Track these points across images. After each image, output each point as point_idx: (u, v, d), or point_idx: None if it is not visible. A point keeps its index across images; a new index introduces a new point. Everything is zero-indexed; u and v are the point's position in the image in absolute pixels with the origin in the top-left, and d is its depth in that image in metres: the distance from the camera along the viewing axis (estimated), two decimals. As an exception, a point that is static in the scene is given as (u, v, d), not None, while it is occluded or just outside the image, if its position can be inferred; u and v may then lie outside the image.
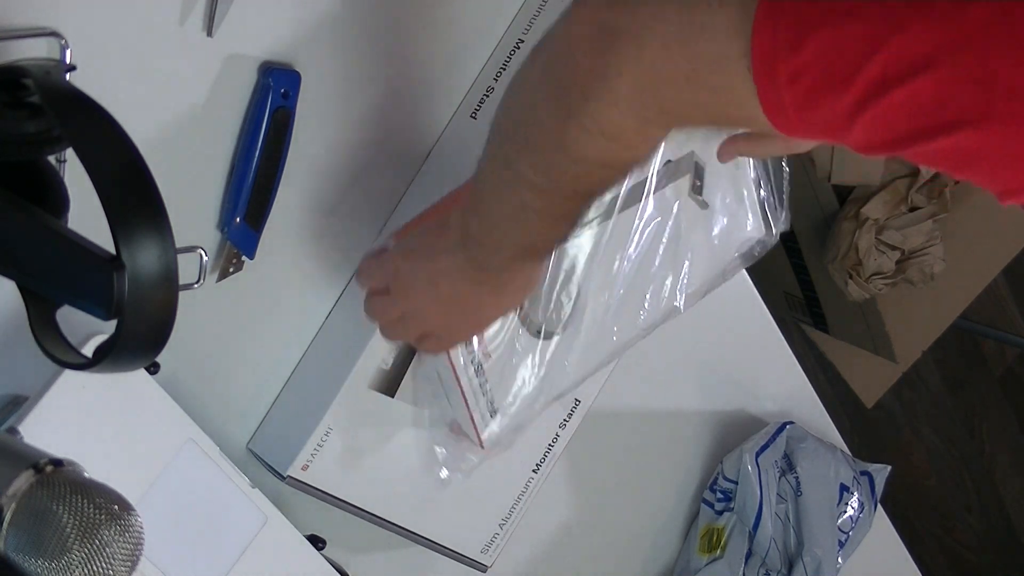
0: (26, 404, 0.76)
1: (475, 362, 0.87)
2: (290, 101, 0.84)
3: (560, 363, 0.91)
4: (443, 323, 0.81)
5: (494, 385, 0.88)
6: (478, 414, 0.88)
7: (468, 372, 0.87)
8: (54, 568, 0.58)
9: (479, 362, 0.87)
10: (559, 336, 0.90)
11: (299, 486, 0.90)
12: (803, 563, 1.13)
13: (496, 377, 0.88)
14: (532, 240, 0.71)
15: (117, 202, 0.57)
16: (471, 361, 0.86)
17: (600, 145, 0.62)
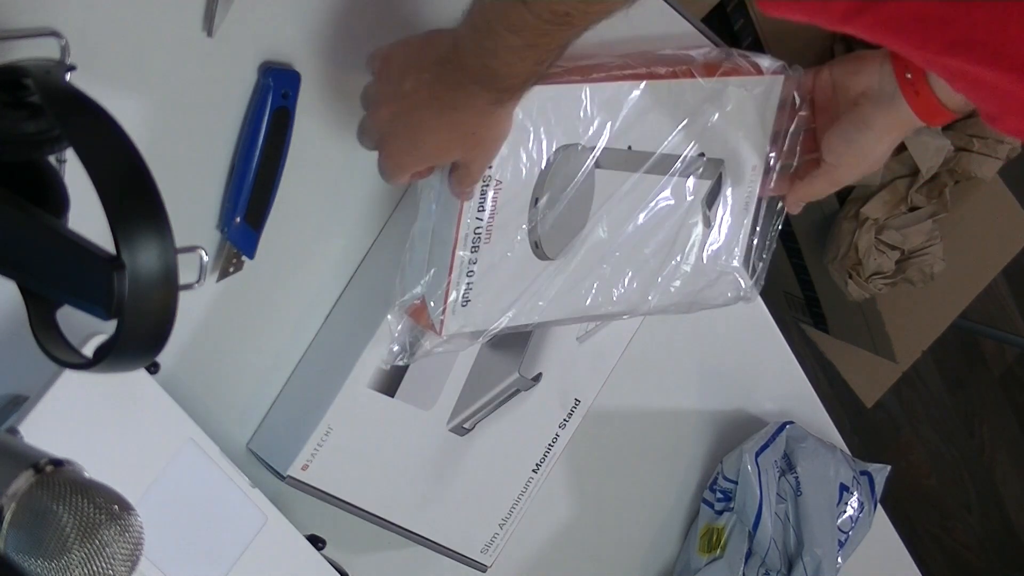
0: (26, 404, 0.76)
1: (475, 232, 0.85)
2: (290, 101, 0.84)
3: (539, 291, 0.89)
4: (480, 152, 0.81)
5: (478, 276, 0.86)
6: (454, 294, 0.86)
7: (467, 240, 0.85)
8: (54, 568, 0.58)
9: (479, 235, 0.85)
10: (552, 263, 0.89)
11: (299, 486, 0.90)
12: (803, 563, 1.13)
13: (482, 269, 0.86)
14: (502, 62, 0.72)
15: (117, 202, 0.57)
16: (472, 230, 0.85)
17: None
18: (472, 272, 0.85)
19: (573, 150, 0.87)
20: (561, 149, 0.87)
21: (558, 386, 0.98)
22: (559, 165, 0.87)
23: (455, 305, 0.86)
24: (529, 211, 0.87)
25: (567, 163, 0.87)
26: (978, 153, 1.81)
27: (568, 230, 0.89)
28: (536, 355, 0.97)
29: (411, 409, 0.93)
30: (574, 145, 0.87)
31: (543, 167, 0.86)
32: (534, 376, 0.97)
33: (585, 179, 0.88)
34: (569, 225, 0.89)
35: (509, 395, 0.97)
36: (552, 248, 0.89)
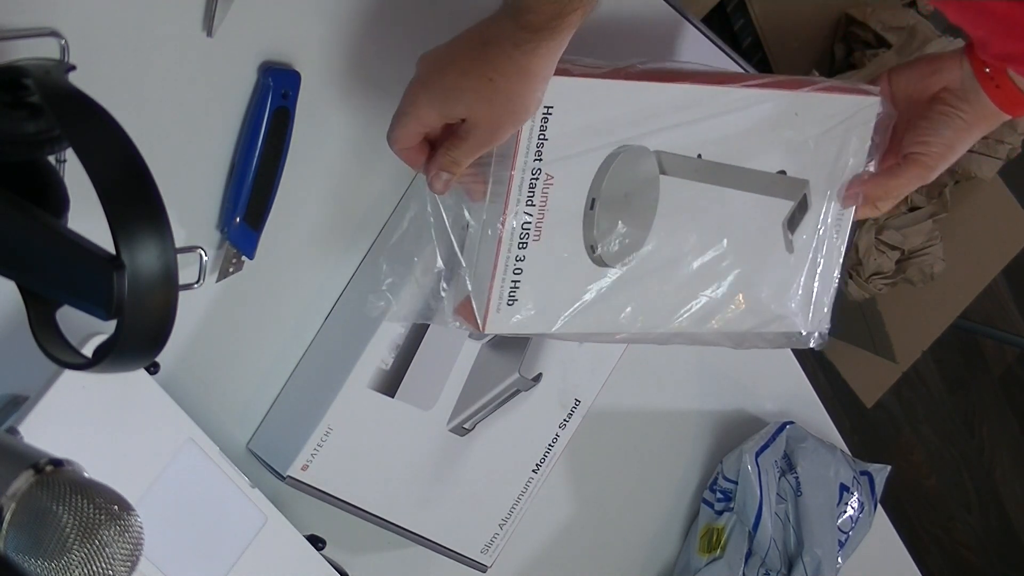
0: (26, 404, 0.76)
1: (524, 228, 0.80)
2: (290, 101, 0.84)
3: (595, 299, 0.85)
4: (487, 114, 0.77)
5: (527, 274, 0.82)
6: (498, 291, 0.81)
7: (514, 236, 0.81)
8: (54, 568, 0.58)
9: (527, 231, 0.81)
10: (610, 272, 0.85)
11: (299, 486, 0.90)
12: (803, 563, 1.13)
13: (532, 268, 0.82)
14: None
15: (117, 202, 0.57)
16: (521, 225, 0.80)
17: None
18: (520, 270, 0.82)
19: (635, 151, 0.84)
20: (622, 149, 0.83)
21: (558, 386, 0.98)
22: (620, 166, 0.83)
23: (500, 301, 0.82)
24: (585, 212, 0.83)
25: (628, 165, 0.84)
26: (978, 153, 1.82)
27: (629, 238, 0.85)
28: (536, 355, 0.97)
29: (411, 409, 0.93)
30: (637, 147, 0.84)
31: (600, 166, 0.83)
32: (534, 376, 0.97)
33: (648, 184, 0.84)
34: (630, 233, 0.85)
35: (509, 395, 0.97)
36: (612, 256, 0.85)
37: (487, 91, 0.75)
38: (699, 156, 0.86)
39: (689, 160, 0.85)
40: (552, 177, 0.81)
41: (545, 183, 0.81)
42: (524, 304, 0.83)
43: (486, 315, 0.82)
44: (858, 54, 1.71)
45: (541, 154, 0.80)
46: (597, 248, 0.84)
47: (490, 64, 0.75)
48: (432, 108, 0.77)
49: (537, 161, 0.80)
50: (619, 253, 0.85)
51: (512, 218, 0.81)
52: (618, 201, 0.84)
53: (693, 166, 0.86)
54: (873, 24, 1.71)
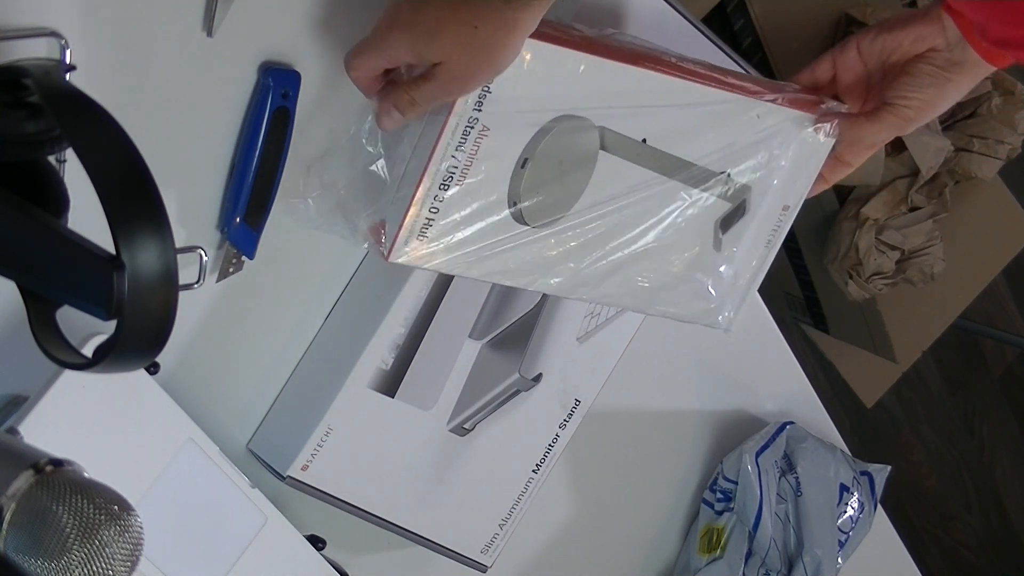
0: (26, 404, 0.76)
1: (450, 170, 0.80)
2: (290, 101, 0.84)
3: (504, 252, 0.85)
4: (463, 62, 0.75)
5: (443, 213, 0.81)
6: (412, 220, 0.81)
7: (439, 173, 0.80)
8: (54, 568, 0.58)
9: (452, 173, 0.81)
10: (527, 229, 0.84)
11: (299, 486, 0.90)
12: (803, 563, 1.13)
13: (448, 207, 0.82)
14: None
15: (117, 202, 0.57)
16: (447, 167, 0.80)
17: None
18: (436, 208, 0.81)
19: (580, 123, 0.83)
20: (565, 118, 0.82)
21: (558, 386, 0.98)
22: (560, 133, 0.83)
23: (411, 231, 0.81)
24: (514, 170, 0.82)
25: (569, 134, 0.83)
26: (978, 153, 1.82)
27: (555, 203, 0.85)
28: (536, 355, 0.97)
29: (411, 409, 0.93)
30: (582, 119, 0.83)
31: (540, 128, 0.82)
32: (534, 376, 0.97)
33: (585, 157, 0.84)
34: (557, 198, 0.85)
35: (509, 395, 0.97)
36: (532, 215, 0.84)
37: (468, 38, 0.73)
38: (644, 141, 0.86)
39: (633, 143, 0.85)
40: (488, 130, 0.80)
41: (480, 133, 0.80)
42: (434, 240, 0.82)
43: (395, 242, 0.81)
44: (858, 54, 1.71)
45: (482, 105, 0.79)
46: (519, 203, 0.83)
47: (476, 12, 0.73)
48: (404, 46, 0.75)
49: (477, 111, 0.79)
50: (539, 214, 0.84)
51: (440, 158, 0.80)
52: (551, 166, 0.83)
53: (636, 149, 0.85)
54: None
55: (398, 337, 0.90)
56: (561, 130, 0.83)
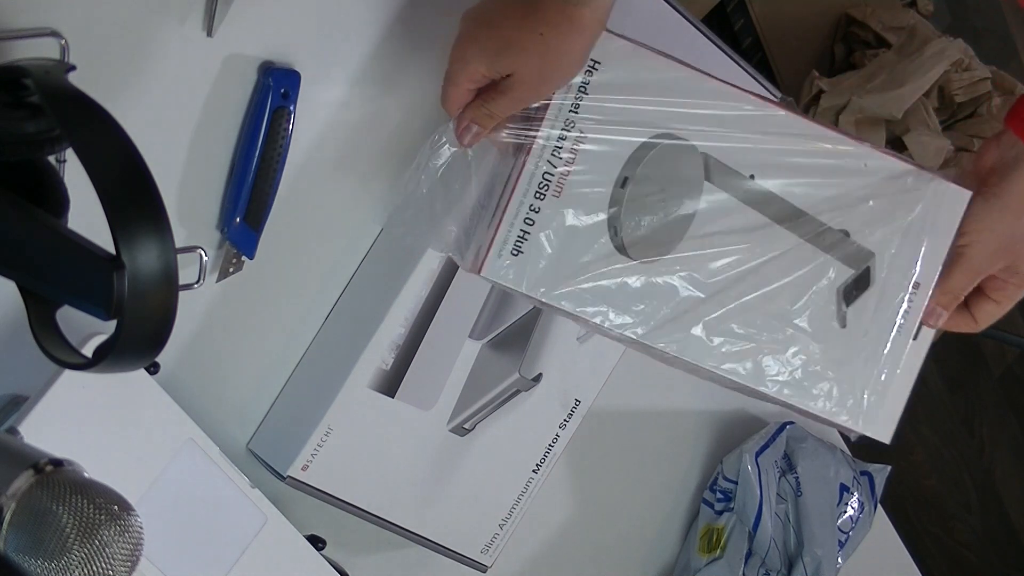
0: (26, 404, 0.76)
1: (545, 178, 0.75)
2: (290, 101, 0.84)
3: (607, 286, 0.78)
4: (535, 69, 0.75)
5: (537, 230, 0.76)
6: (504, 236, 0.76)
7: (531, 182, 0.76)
8: (54, 568, 0.58)
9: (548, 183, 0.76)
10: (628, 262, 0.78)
11: (299, 486, 0.90)
12: (803, 563, 1.13)
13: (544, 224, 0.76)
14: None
15: (117, 202, 0.57)
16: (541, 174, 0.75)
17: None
18: (531, 221, 0.77)
19: (684, 147, 0.78)
20: (668, 136, 0.77)
21: (558, 386, 0.98)
22: (661, 153, 0.77)
23: (502, 249, 0.77)
24: (614, 189, 0.77)
25: (670, 157, 0.78)
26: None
27: (659, 236, 0.79)
28: (536, 355, 0.97)
29: (411, 409, 0.93)
30: (684, 140, 0.78)
31: (640, 144, 0.77)
32: (534, 376, 0.97)
33: (690, 186, 0.78)
34: (661, 232, 0.79)
35: (509, 395, 0.97)
36: (636, 248, 0.78)
37: (537, 46, 0.74)
38: (751, 177, 0.80)
39: (741, 177, 0.79)
40: (585, 136, 0.76)
41: (577, 139, 0.76)
42: (529, 259, 0.77)
43: (486, 256, 0.77)
44: (858, 54, 1.71)
45: (578, 108, 0.76)
46: (620, 231, 0.78)
47: (540, 18, 0.73)
48: (481, 63, 0.76)
49: (573, 112, 0.76)
50: (643, 247, 0.78)
51: (534, 162, 0.76)
52: (652, 191, 0.78)
53: (744, 185, 0.79)
54: (873, 24, 1.71)
55: (398, 337, 0.90)
56: (663, 150, 0.77)
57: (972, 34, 1.95)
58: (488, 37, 0.76)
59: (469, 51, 0.76)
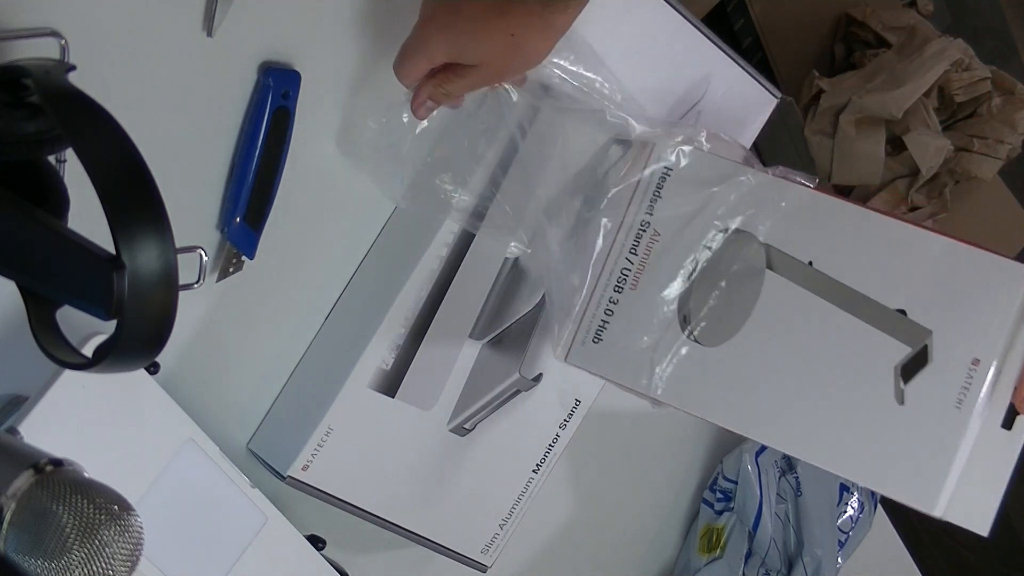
0: (26, 404, 0.76)
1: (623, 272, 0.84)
2: (290, 101, 0.84)
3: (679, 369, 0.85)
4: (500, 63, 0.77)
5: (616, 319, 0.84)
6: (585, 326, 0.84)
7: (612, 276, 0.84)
8: (54, 568, 0.58)
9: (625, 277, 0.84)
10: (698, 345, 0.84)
11: (299, 486, 0.90)
12: (803, 563, 1.13)
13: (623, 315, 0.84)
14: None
15: (117, 202, 0.57)
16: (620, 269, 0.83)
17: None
18: (611, 312, 0.85)
19: (745, 237, 0.85)
20: (735, 233, 0.85)
21: (559, 386, 0.98)
22: (727, 246, 0.85)
23: (585, 337, 0.86)
24: (683, 279, 0.86)
25: (736, 248, 0.85)
26: (978, 153, 1.82)
27: (724, 321, 0.85)
28: (537, 355, 0.97)
29: (411, 409, 0.93)
30: (747, 234, 0.85)
31: (708, 237, 0.85)
32: (535, 376, 0.97)
33: (752, 274, 0.85)
34: (726, 317, 0.85)
35: (510, 395, 0.97)
36: (702, 333, 0.85)
37: (506, 45, 0.75)
38: (810, 263, 0.84)
39: (799, 264, 0.84)
40: (659, 235, 0.85)
41: (652, 238, 0.85)
42: (610, 346, 0.86)
43: (571, 345, 0.86)
44: (858, 54, 1.71)
45: (653, 210, 0.84)
46: (690, 320, 0.86)
47: (514, 21, 0.74)
48: (443, 50, 0.77)
49: (648, 215, 0.84)
50: (710, 333, 0.85)
51: (614, 259, 0.85)
52: (717, 281, 0.85)
53: (802, 272, 0.84)
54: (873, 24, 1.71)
55: (398, 337, 0.90)
56: (730, 241, 0.85)
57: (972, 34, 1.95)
58: (458, 28, 0.76)
59: (436, 36, 0.77)
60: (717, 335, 0.85)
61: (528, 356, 0.96)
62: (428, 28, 0.78)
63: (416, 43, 0.79)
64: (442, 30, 0.77)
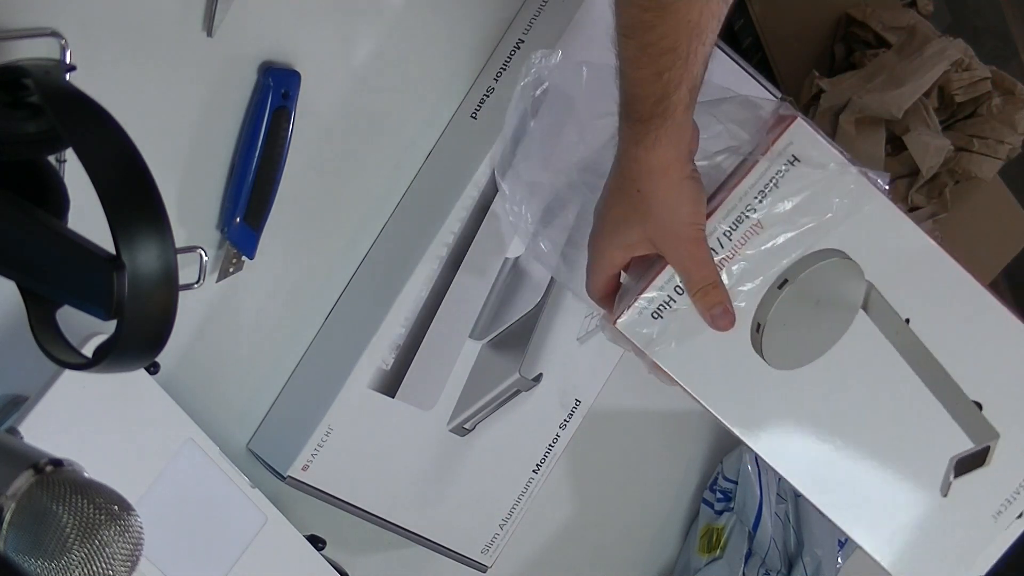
0: (26, 404, 0.76)
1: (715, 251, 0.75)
2: (290, 101, 0.84)
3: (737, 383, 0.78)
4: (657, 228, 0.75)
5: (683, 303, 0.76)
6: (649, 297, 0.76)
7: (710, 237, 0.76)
8: (54, 568, 0.58)
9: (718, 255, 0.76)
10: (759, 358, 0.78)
11: (299, 486, 0.90)
12: (803, 563, 1.13)
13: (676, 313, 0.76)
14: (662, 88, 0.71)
15: (117, 202, 0.57)
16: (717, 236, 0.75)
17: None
18: (681, 291, 0.76)
19: (851, 266, 0.78)
20: (838, 253, 0.77)
21: (559, 386, 0.98)
22: (828, 268, 0.77)
23: (644, 308, 0.76)
24: (769, 288, 0.77)
25: (836, 274, 0.77)
26: (978, 153, 1.82)
27: (799, 349, 0.78)
28: (537, 355, 0.97)
29: (411, 410, 0.93)
30: (854, 263, 0.78)
31: (810, 252, 0.77)
32: (535, 377, 0.97)
33: (845, 309, 0.78)
34: (802, 345, 0.78)
35: (510, 396, 0.97)
36: (771, 351, 0.78)
37: (641, 204, 0.75)
38: (907, 320, 0.79)
39: (896, 317, 0.78)
40: (761, 226, 0.76)
41: (751, 228, 0.76)
42: (666, 325, 0.77)
43: (626, 310, 0.77)
44: (858, 54, 1.71)
45: (763, 199, 0.76)
46: (762, 330, 0.77)
47: (629, 177, 0.75)
48: (612, 247, 0.78)
49: (757, 200, 0.76)
50: (778, 353, 0.78)
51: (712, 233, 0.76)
52: (807, 302, 0.77)
53: (897, 327, 0.78)
54: (873, 24, 1.71)
55: (398, 337, 0.90)
56: (831, 265, 0.77)
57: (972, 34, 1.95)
58: (607, 219, 0.78)
59: (599, 240, 0.78)
60: (786, 359, 0.78)
61: (528, 356, 0.96)
62: (593, 237, 0.79)
63: (590, 255, 0.79)
64: (602, 230, 0.78)
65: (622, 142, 0.75)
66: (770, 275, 0.77)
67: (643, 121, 0.72)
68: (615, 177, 0.76)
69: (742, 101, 0.80)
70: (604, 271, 0.79)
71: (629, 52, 0.70)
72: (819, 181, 0.76)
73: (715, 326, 0.77)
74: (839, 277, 0.78)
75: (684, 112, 0.72)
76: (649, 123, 0.72)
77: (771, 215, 0.76)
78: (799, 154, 0.77)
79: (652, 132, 0.72)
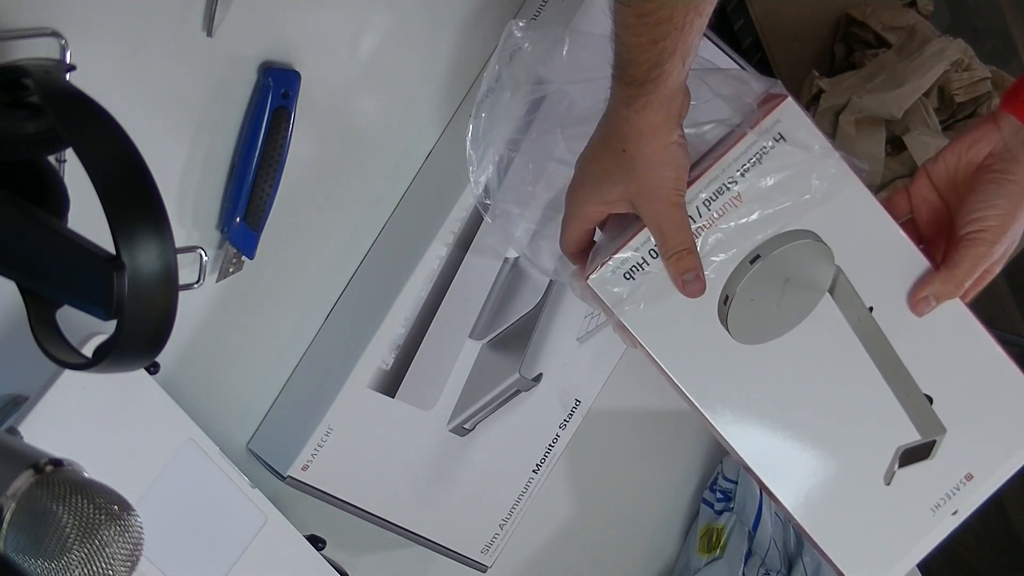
0: (26, 404, 0.76)
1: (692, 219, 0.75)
2: (290, 101, 0.84)
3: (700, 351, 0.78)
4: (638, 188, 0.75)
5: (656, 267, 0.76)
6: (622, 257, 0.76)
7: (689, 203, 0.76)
8: (54, 568, 0.58)
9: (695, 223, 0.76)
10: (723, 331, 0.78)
11: (299, 486, 0.90)
12: (803, 563, 1.13)
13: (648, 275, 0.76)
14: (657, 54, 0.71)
15: (117, 202, 0.57)
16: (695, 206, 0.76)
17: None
18: (655, 255, 0.76)
19: (822, 250, 0.78)
20: (812, 236, 0.78)
21: (558, 386, 0.98)
22: (800, 249, 0.78)
23: (617, 268, 0.76)
24: (740, 263, 0.77)
25: (807, 255, 0.78)
26: (978, 153, 1.81)
27: (763, 325, 0.79)
28: (537, 355, 0.97)
29: (411, 409, 0.93)
30: (826, 247, 0.78)
31: (784, 232, 0.77)
32: (535, 376, 0.97)
33: (811, 290, 0.79)
34: (767, 322, 0.79)
35: (509, 395, 0.97)
36: (735, 325, 0.78)
37: (625, 163, 0.75)
38: (871, 308, 0.80)
39: (860, 304, 0.80)
40: (741, 201, 0.76)
41: (730, 200, 0.77)
42: (637, 287, 0.77)
43: (599, 268, 0.77)
44: (858, 54, 1.71)
45: (746, 173, 0.76)
46: (729, 302, 0.78)
47: (616, 135, 0.75)
48: (591, 201, 0.78)
49: (740, 173, 0.76)
50: (742, 327, 0.78)
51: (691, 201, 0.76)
52: (777, 279, 0.78)
53: (858, 313, 0.80)
54: (873, 24, 1.71)
55: (398, 337, 0.90)
56: (805, 246, 0.78)
57: (972, 34, 1.95)
58: (588, 174, 0.77)
59: (577, 193, 0.78)
60: (750, 334, 0.79)
61: (528, 356, 0.96)
62: (571, 190, 0.79)
63: (567, 209, 0.79)
64: (581, 184, 0.78)
65: (613, 100, 0.74)
66: (743, 249, 0.77)
67: (636, 85, 0.72)
68: (602, 134, 0.76)
69: (737, 74, 0.81)
70: (580, 225, 0.79)
71: (626, 19, 0.70)
72: (802, 162, 0.77)
73: (685, 292, 0.77)
74: (810, 258, 0.79)
75: (676, 79, 0.72)
76: (642, 87, 0.72)
77: (751, 190, 0.77)
78: (786, 133, 0.77)
79: (644, 96, 0.72)
